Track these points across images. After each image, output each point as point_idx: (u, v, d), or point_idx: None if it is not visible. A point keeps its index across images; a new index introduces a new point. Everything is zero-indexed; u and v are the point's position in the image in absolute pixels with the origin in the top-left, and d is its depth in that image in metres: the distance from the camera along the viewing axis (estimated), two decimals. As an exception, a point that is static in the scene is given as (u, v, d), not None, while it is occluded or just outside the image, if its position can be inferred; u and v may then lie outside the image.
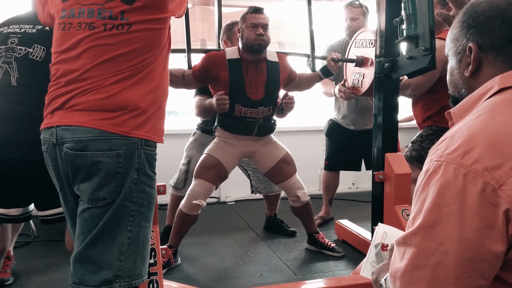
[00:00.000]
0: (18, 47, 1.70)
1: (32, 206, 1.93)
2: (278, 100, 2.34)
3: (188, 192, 2.23)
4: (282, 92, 2.35)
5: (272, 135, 2.43)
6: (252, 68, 2.22)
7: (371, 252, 1.24)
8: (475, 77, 0.82)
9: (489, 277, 0.70)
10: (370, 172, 2.46)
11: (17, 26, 1.74)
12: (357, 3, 2.77)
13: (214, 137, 2.36)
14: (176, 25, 3.15)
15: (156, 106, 1.29)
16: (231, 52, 2.24)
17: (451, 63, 0.88)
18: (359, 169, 3.01)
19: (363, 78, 2.41)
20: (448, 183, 0.70)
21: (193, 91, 2.49)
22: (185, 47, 2.18)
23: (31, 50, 1.69)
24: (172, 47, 1.41)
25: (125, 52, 1.22)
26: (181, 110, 3.92)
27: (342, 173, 3.09)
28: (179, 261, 2.35)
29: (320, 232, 2.53)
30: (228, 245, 2.64)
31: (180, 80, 2.23)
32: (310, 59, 2.41)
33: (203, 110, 2.32)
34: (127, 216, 1.24)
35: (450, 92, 0.91)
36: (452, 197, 0.69)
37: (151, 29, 1.26)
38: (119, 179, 1.22)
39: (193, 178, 2.27)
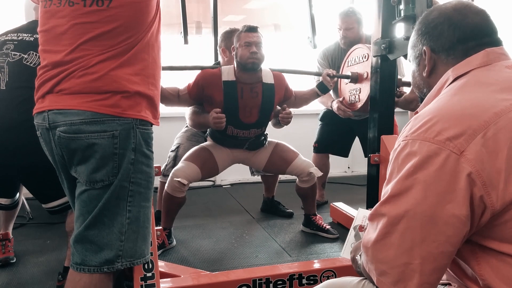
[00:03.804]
0: (13, 53, 1.73)
1: (17, 196, 2.01)
2: (275, 110, 2.36)
3: (172, 171, 2.24)
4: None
5: None
6: (247, 92, 2.22)
7: (351, 235, 1.27)
8: (433, 76, 0.93)
9: (455, 243, 0.75)
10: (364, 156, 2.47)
11: (15, 34, 1.78)
12: (351, 10, 2.73)
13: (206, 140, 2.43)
14: (172, 6, 3.12)
15: (146, 87, 1.26)
16: (227, 73, 2.22)
17: (412, 67, 0.99)
18: (346, 156, 3.03)
19: (359, 93, 2.42)
20: (413, 156, 0.76)
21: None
22: (181, 65, 2.22)
23: (26, 56, 1.72)
24: (167, 29, 1.38)
25: (107, 30, 1.19)
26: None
27: (338, 157, 3.09)
28: (174, 242, 2.36)
29: (317, 215, 2.54)
30: (224, 228, 2.65)
31: (175, 98, 2.24)
32: (310, 37, 2.39)
33: (198, 124, 2.33)
34: (126, 197, 1.24)
35: (417, 94, 1.02)
36: (417, 167, 0.75)
37: (133, 3, 1.21)
38: (116, 160, 1.21)
39: (180, 161, 2.28)
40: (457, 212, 0.72)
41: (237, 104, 2.21)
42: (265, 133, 2.42)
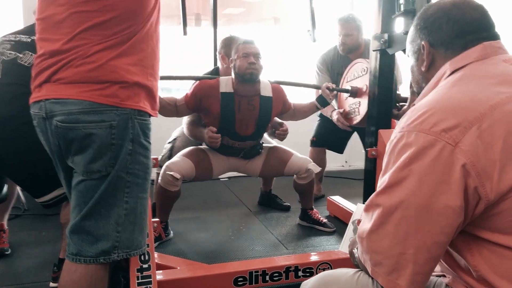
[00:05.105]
0: (8, 52, 1.74)
1: (5, 189, 2.00)
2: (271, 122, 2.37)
3: (166, 164, 2.23)
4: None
5: None
6: (244, 104, 2.21)
7: (349, 229, 1.27)
8: (431, 71, 0.93)
9: (449, 233, 0.75)
10: (362, 150, 2.47)
11: (13, 36, 1.80)
12: (351, 17, 2.72)
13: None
14: (171, -2, 3.10)
15: (145, 77, 1.25)
16: (225, 84, 2.21)
17: (411, 62, 0.99)
18: (341, 152, 3.05)
19: (359, 106, 2.42)
20: (409, 147, 0.77)
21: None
22: (179, 71, 2.20)
23: (21, 55, 1.72)
24: (166, 20, 1.36)
25: (106, 19, 1.17)
26: (174, 87, 3.88)
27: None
28: (171, 235, 2.36)
29: (314, 209, 2.55)
30: (221, 220, 2.65)
31: (173, 109, 2.23)
32: (310, 31, 2.39)
33: (194, 135, 2.35)
34: (123, 188, 1.23)
35: (415, 90, 1.02)
36: (413, 158, 0.76)
37: None
38: (113, 151, 1.20)
39: (176, 156, 2.28)
40: (451, 203, 0.73)
41: (233, 117, 2.21)
42: (261, 142, 2.41)
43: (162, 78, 1.40)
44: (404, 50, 1.95)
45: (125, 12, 1.19)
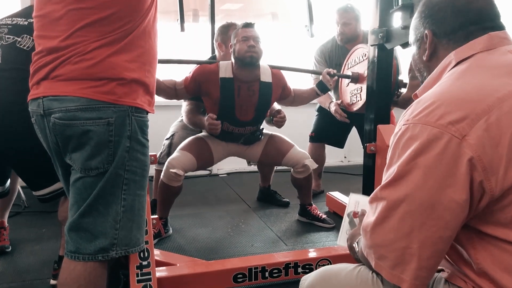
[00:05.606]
0: (6, 36, 1.72)
1: (8, 184, 2.00)
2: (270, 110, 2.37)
3: (167, 160, 2.23)
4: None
5: None
6: (244, 90, 2.20)
7: (345, 222, 1.26)
8: (433, 61, 0.92)
9: (454, 227, 0.75)
10: (361, 146, 2.46)
11: (10, 19, 1.79)
12: (349, 6, 2.70)
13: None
14: (168, -7, 3.08)
15: (143, 74, 1.25)
16: (225, 69, 2.20)
17: (413, 50, 0.98)
18: (341, 147, 3.04)
19: (361, 92, 2.41)
20: (414, 140, 0.75)
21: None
22: (178, 55, 2.20)
23: (19, 39, 1.70)
24: (164, 16, 1.36)
25: (103, 16, 1.17)
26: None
27: (334, 147, 3.09)
28: (171, 231, 2.36)
29: (313, 205, 2.55)
30: (220, 217, 2.66)
31: (173, 92, 2.23)
32: (307, 26, 2.38)
33: (193, 123, 2.35)
34: (121, 185, 1.23)
35: (419, 78, 1.01)
36: (418, 151, 0.74)
37: None
38: (111, 148, 1.20)
39: (176, 150, 2.27)
40: (457, 197, 0.72)
41: (233, 102, 2.20)
42: (260, 128, 2.41)
43: (160, 61, 1.39)
44: (402, 45, 1.95)
45: (123, 9, 1.19)
